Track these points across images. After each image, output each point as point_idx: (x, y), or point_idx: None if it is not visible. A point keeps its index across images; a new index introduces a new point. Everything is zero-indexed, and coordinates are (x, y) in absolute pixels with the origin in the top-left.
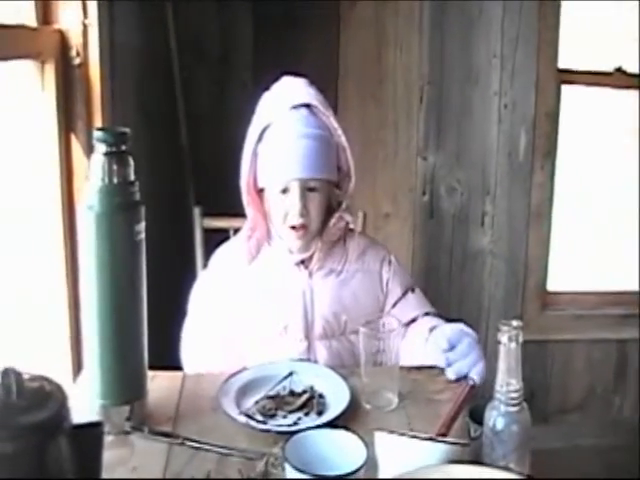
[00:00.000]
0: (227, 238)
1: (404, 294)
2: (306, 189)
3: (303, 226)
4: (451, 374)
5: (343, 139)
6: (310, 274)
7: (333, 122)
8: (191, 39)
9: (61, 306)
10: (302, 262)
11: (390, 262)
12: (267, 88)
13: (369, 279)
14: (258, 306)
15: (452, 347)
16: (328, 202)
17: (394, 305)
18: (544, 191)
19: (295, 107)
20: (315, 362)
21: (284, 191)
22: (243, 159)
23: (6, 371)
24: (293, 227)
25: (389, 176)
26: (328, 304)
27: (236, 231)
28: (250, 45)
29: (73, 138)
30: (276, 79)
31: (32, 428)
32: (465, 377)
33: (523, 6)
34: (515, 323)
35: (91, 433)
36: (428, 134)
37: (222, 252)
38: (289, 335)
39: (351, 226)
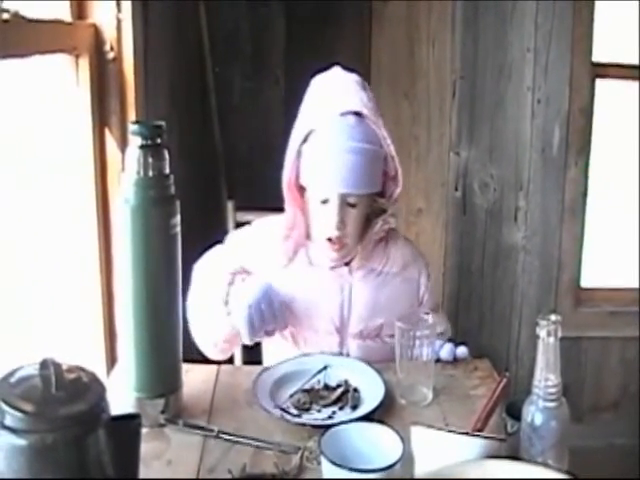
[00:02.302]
0: None
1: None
2: (346, 203)
3: (340, 240)
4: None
5: (392, 148)
6: (350, 271)
7: (383, 131)
8: (224, 36)
9: (95, 299)
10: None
11: (429, 276)
12: (301, 83)
13: (407, 285)
14: (295, 300)
15: None
16: (368, 211)
17: None
18: (578, 186)
19: (343, 114)
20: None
21: (324, 202)
22: (287, 156)
23: (45, 362)
24: (329, 239)
25: (422, 172)
26: (365, 303)
27: None
28: (282, 41)
29: (107, 132)
30: (308, 75)
31: (71, 419)
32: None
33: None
34: (553, 317)
35: (129, 425)
36: (461, 129)
37: (263, 231)
38: (321, 328)
39: (392, 226)
